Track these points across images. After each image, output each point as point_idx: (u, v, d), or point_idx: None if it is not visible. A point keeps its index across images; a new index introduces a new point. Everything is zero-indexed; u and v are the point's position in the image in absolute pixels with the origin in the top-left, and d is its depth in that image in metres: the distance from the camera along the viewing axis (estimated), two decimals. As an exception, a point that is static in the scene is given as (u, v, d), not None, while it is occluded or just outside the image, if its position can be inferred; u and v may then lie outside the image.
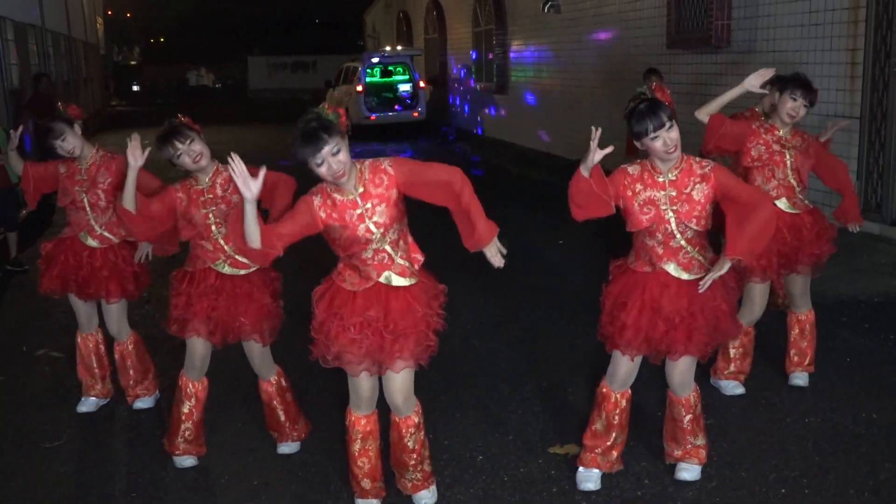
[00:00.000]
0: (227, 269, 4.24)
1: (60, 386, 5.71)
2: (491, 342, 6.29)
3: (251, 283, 4.25)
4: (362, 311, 3.59)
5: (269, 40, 61.20)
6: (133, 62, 29.38)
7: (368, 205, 3.51)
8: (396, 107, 21.59)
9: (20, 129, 5.28)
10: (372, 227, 3.51)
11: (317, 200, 3.55)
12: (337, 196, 3.53)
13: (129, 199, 4.12)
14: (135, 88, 28.83)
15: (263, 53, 55.70)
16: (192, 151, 4.09)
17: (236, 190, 4.01)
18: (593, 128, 3.73)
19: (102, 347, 5.31)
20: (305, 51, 53.36)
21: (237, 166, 3.44)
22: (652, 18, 12.37)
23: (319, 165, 3.41)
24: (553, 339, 6.32)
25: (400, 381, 3.69)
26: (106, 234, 4.97)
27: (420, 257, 3.72)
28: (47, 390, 5.66)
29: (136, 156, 4.15)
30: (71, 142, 4.81)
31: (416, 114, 21.60)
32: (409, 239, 3.71)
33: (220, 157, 4.18)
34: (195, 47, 62.26)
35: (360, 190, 3.51)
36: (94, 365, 5.27)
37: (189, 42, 64.46)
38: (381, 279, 3.60)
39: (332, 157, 3.39)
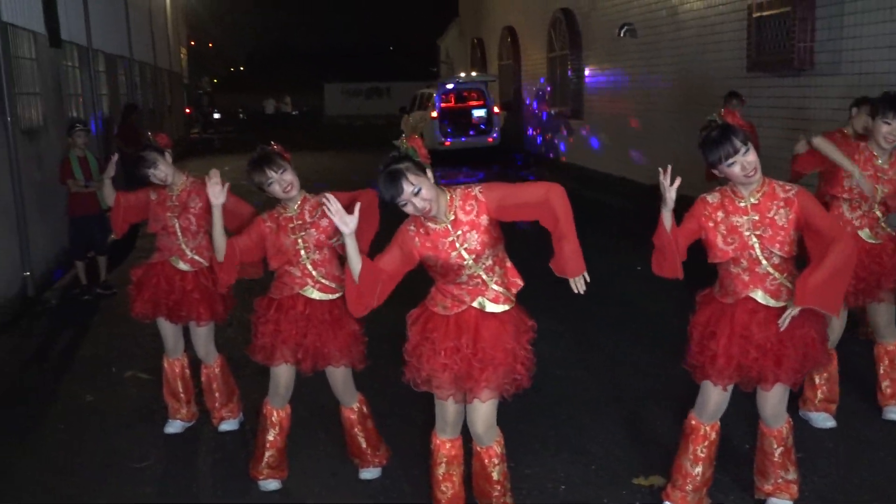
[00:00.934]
0: (315, 295, 4.24)
1: (147, 407, 5.81)
2: (571, 370, 6.21)
3: (339, 309, 4.24)
4: (454, 336, 3.59)
5: (344, 68, 62.27)
6: (201, 91, 30.21)
7: (459, 232, 3.51)
8: (471, 132, 21.64)
9: (114, 157, 5.43)
10: (464, 254, 3.52)
11: (411, 229, 3.58)
12: (430, 225, 3.55)
13: (219, 248, 4.18)
14: (216, 116, 29.64)
15: (339, 80, 56.55)
16: (283, 181, 4.14)
17: (325, 215, 4.10)
18: (661, 169, 3.66)
19: (188, 371, 5.38)
20: (380, 77, 54.06)
21: (332, 205, 3.52)
22: (732, 42, 12.18)
23: (404, 206, 3.45)
24: (634, 367, 6.22)
25: (483, 411, 3.66)
26: (196, 257, 5.03)
27: (519, 282, 3.69)
28: (134, 411, 5.77)
29: (215, 193, 4.19)
30: (163, 170, 4.90)
31: (490, 139, 21.62)
32: (508, 263, 3.70)
33: (301, 182, 4.24)
34: (272, 76, 63.72)
35: (451, 217, 3.52)
36: (180, 389, 5.33)
37: (266, 70, 66.01)
38: (475, 304, 3.60)
39: (415, 198, 3.42)
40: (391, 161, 3.45)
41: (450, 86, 22.31)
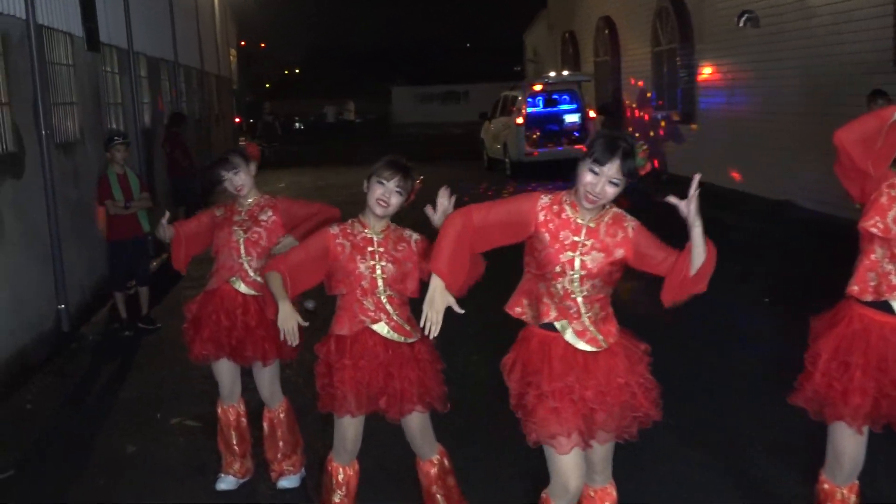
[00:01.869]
0: (391, 335, 4.24)
1: (197, 459, 5.87)
2: (684, 416, 6.14)
3: (414, 350, 4.29)
4: (560, 376, 3.62)
5: (414, 69, 62.77)
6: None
7: (588, 242, 3.63)
8: (562, 141, 21.61)
9: (166, 215, 5.26)
10: (577, 263, 3.62)
11: (545, 199, 3.71)
12: (567, 209, 3.68)
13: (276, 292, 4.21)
14: (267, 118, 30.19)
15: (409, 83, 57.09)
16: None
17: (410, 252, 4.21)
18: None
19: (244, 420, 5.40)
20: (456, 79, 54.51)
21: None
22: (872, 30, 11.94)
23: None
24: (753, 416, 6.14)
25: (602, 454, 3.75)
26: (259, 279, 5.02)
27: (613, 330, 3.74)
28: (182, 463, 5.84)
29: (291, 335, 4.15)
30: (242, 178, 5.03)
31: (584, 148, 21.54)
32: (610, 310, 3.77)
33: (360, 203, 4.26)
34: (332, 79, 64.59)
35: (592, 224, 3.65)
36: (235, 441, 5.37)
37: (326, 73, 66.97)
38: (557, 325, 3.66)
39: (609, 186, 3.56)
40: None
41: (537, 87, 22.39)
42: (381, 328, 4.22)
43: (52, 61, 9.79)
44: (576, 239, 3.63)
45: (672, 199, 3.54)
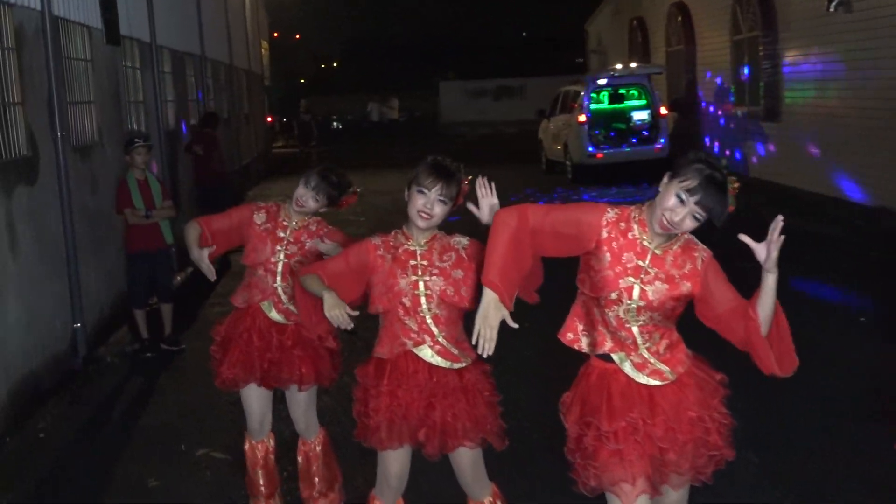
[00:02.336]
0: (435, 359, 4.25)
1: (224, 495, 5.89)
2: (772, 456, 6.09)
3: (463, 378, 4.27)
4: (622, 413, 3.58)
5: (465, 62, 62.77)
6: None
7: (653, 269, 3.60)
8: (630, 141, 21.49)
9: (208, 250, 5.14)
10: (636, 292, 3.59)
11: (611, 214, 3.67)
12: (634, 228, 3.64)
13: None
14: (304, 118, 30.45)
15: (458, 78, 57.15)
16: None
17: (460, 260, 4.19)
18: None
19: (272, 458, 5.40)
20: (511, 73, 54.42)
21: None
22: (984, 15, 11.76)
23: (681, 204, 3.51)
24: (842, 453, 6.11)
25: (675, 500, 3.71)
26: (292, 307, 5.00)
27: (682, 357, 3.72)
28: (209, 499, 5.87)
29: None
30: (311, 202, 5.05)
31: (656, 149, 21.40)
32: (675, 336, 3.74)
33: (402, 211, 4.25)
34: (374, 74, 64.81)
35: (658, 251, 3.62)
36: (262, 481, 5.34)
37: (366, 67, 67.20)
38: (615, 357, 3.64)
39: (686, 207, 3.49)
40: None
41: (602, 81, 22.28)
42: (425, 352, 4.21)
43: (68, 56, 9.89)
44: (640, 263, 3.60)
45: (748, 241, 3.49)
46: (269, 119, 37.53)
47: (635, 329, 3.60)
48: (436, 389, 4.19)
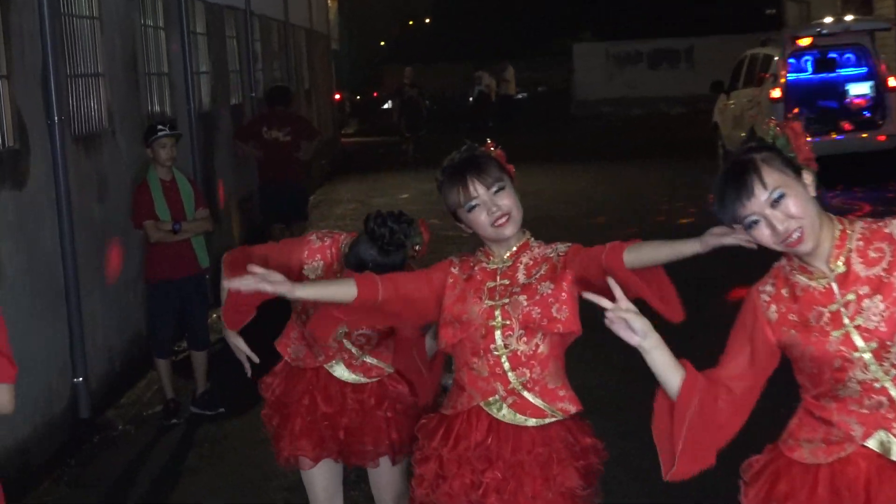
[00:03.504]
0: (504, 414, 4.27)
1: None
2: None
3: (546, 444, 4.25)
4: None
5: (607, 17, 62.00)
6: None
7: (852, 296, 3.54)
8: (845, 125, 21.03)
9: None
10: (855, 337, 3.51)
11: (768, 289, 3.69)
12: (800, 279, 3.63)
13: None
14: (409, 93, 29.83)
15: (598, 38, 56.58)
16: (494, 205, 4.25)
17: (551, 275, 4.24)
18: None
19: None
20: (673, 31, 53.59)
21: None
22: None
23: (751, 227, 3.54)
24: None
25: None
26: (371, 360, 5.13)
27: None
28: None
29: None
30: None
31: (881, 136, 20.98)
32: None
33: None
34: (478, 34, 64.50)
35: (840, 268, 3.57)
36: None
37: (467, 26, 67.02)
38: (871, 443, 3.56)
39: (773, 210, 3.49)
40: (744, 150, 3.61)
41: (804, 42, 21.90)
42: (497, 408, 4.29)
43: (69, 13, 9.90)
44: (836, 309, 3.54)
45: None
46: (338, 96, 37.56)
47: (888, 381, 3.51)
48: (514, 460, 4.24)
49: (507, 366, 4.25)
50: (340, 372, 5.18)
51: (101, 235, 10.06)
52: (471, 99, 44.69)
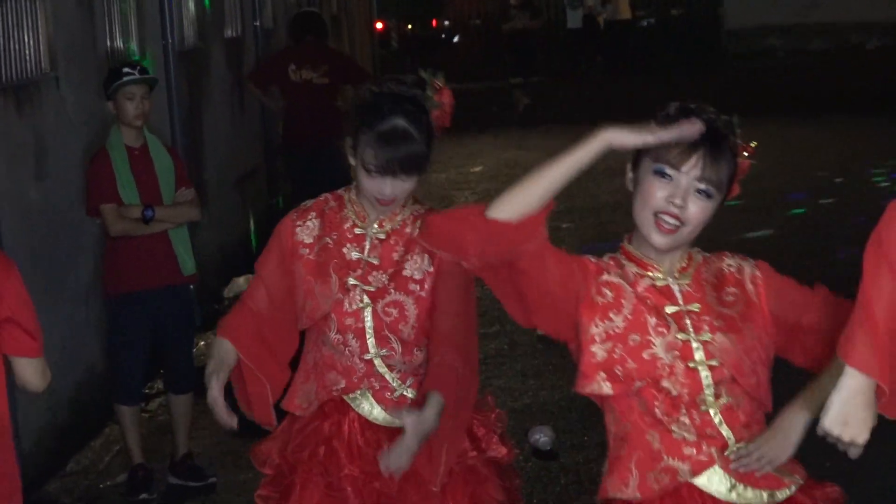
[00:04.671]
0: (725, 488, 4.40)
1: None
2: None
3: None
4: None
5: None
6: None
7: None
8: None
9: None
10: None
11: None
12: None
13: None
14: (522, 17, 28.66)
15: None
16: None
17: (748, 310, 4.37)
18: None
19: None
20: None
21: None
22: None
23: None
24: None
25: None
26: (412, 393, 5.05)
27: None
28: None
29: None
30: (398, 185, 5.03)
31: None
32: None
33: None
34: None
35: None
36: None
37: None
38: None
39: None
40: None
41: None
42: (716, 482, 4.21)
43: None
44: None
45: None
46: (380, 25, 37.34)
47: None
48: None
49: (720, 423, 4.25)
50: (368, 408, 5.05)
51: (38, 227, 9.20)
52: (568, 26, 43.48)
